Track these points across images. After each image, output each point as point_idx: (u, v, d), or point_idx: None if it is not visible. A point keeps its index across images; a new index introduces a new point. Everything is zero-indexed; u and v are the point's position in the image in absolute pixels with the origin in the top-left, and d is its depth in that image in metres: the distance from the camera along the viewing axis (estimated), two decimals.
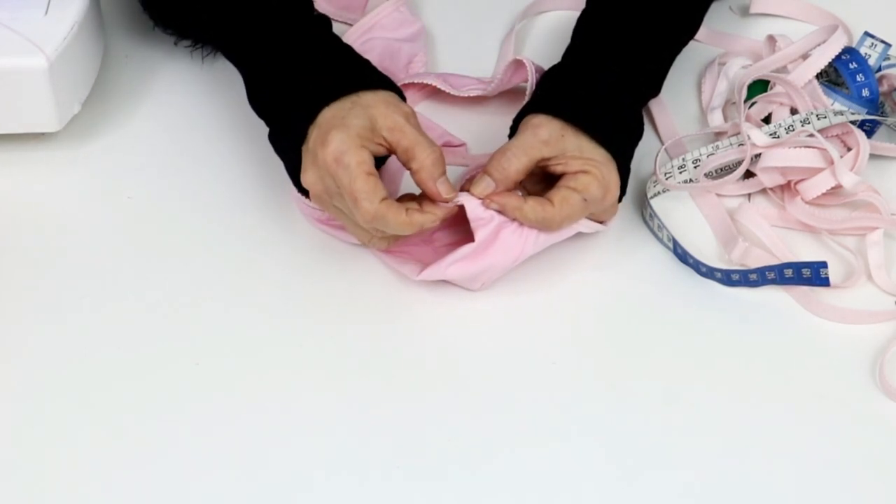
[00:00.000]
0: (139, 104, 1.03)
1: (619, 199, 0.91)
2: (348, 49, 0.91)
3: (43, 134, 0.98)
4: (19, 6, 0.95)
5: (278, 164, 0.97)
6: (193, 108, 1.03)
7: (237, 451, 0.82)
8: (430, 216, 0.85)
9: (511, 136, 0.91)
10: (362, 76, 0.89)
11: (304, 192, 0.88)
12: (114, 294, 0.90)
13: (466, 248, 0.87)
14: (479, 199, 0.87)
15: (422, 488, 0.81)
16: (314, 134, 0.85)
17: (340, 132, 0.84)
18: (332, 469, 0.81)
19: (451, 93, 1.02)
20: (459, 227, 0.90)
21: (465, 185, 0.88)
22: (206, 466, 0.81)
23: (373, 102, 0.86)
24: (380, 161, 0.88)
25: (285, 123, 0.88)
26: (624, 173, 0.90)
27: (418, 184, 0.86)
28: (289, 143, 0.87)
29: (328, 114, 0.86)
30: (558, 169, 0.88)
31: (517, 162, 0.87)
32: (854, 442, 0.85)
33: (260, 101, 0.91)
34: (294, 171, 0.88)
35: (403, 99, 0.89)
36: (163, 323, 0.88)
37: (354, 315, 0.90)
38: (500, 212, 0.87)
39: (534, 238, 0.88)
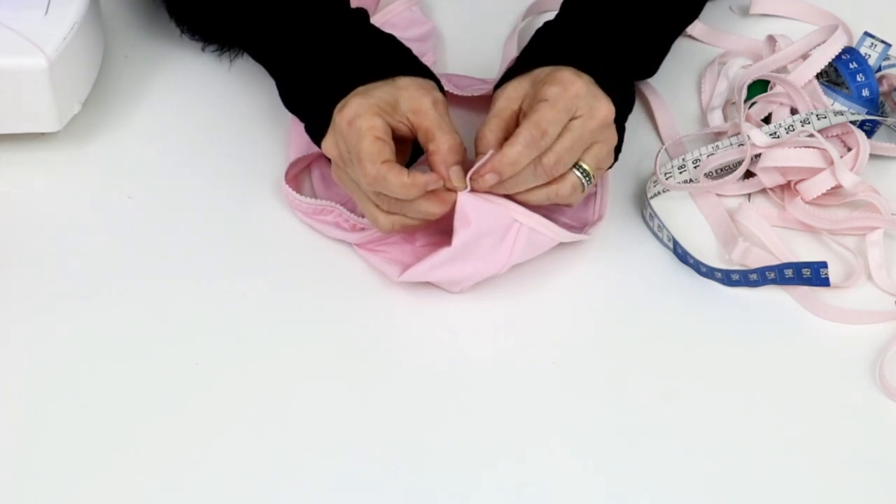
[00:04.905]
0: (139, 104, 1.03)
1: (617, 155, 0.89)
2: (390, 37, 0.91)
3: (43, 134, 0.98)
4: (19, 6, 0.95)
5: (278, 164, 0.97)
6: (193, 107, 1.03)
7: (236, 450, 0.82)
8: (434, 177, 0.84)
9: (500, 81, 0.91)
10: (402, 61, 0.89)
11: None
12: (114, 294, 0.90)
13: (445, 253, 0.87)
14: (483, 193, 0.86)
15: (421, 488, 0.81)
16: (339, 104, 0.86)
17: (360, 98, 0.84)
18: (332, 468, 0.81)
19: (455, 93, 1.02)
20: (442, 227, 0.90)
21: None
22: (206, 465, 0.81)
23: (406, 85, 0.86)
24: (413, 157, 0.89)
25: (320, 109, 0.88)
26: (617, 100, 0.88)
27: (431, 166, 0.86)
28: (324, 127, 0.87)
29: (359, 89, 0.86)
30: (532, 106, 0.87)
31: (489, 130, 0.86)
32: (854, 442, 0.85)
33: (295, 96, 0.91)
34: None
35: (442, 90, 0.89)
36: (163, 322, 0.88)
37: (353, 315, 0.90)
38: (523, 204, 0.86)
39: (520, 248, 0.87)
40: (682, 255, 0.94)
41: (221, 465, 0.81)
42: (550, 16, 0.94)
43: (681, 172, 0.99)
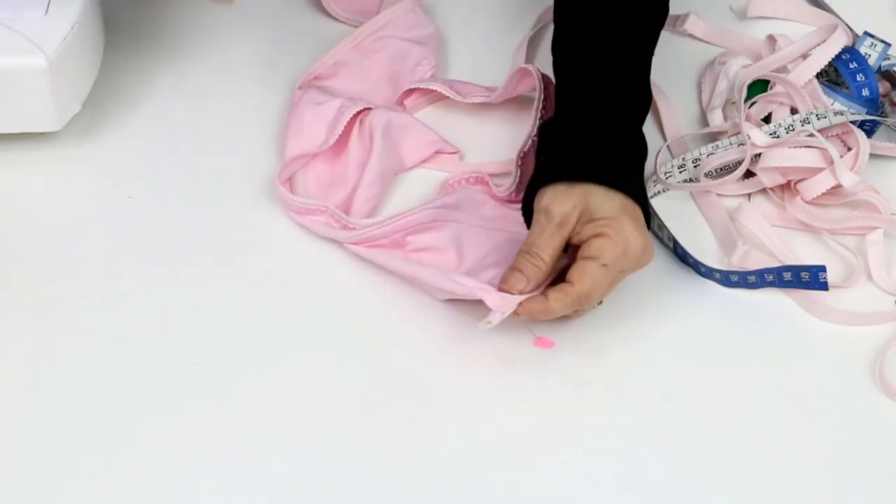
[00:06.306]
0: (139, 104, 1.03)
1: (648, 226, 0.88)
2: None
3: (43, 134, 0.98)
4: (19, 6, 0.95)
5: (277, 164, 0.97)
6: (193, 108, 1.03)
7: (236, 448, 0.82)
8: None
9: (524, 209, 0.89)
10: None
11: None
12: (113, 294, 0.90)
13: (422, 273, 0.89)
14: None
15: (421, 488, 0.81)
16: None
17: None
18: (332, 468, 0.81)
19: (457, 99, 1.01)
20: (433, 233, 0.91)
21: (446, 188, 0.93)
22: (206, 465, 0.81)
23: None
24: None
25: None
26: (643, 203, 0.87)
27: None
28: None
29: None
30: (574, 240, 0.86)
31: (545, 256, 0.85)
32: (854, 442, 0.85)
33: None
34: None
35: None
36: (163, 322, 0.88)
37: (352, 314, 0.90)
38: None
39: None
40: (682, 255, 0.94)
41: (222, 464, 0.81)
42: None
43: (681, 172, 0.99)
